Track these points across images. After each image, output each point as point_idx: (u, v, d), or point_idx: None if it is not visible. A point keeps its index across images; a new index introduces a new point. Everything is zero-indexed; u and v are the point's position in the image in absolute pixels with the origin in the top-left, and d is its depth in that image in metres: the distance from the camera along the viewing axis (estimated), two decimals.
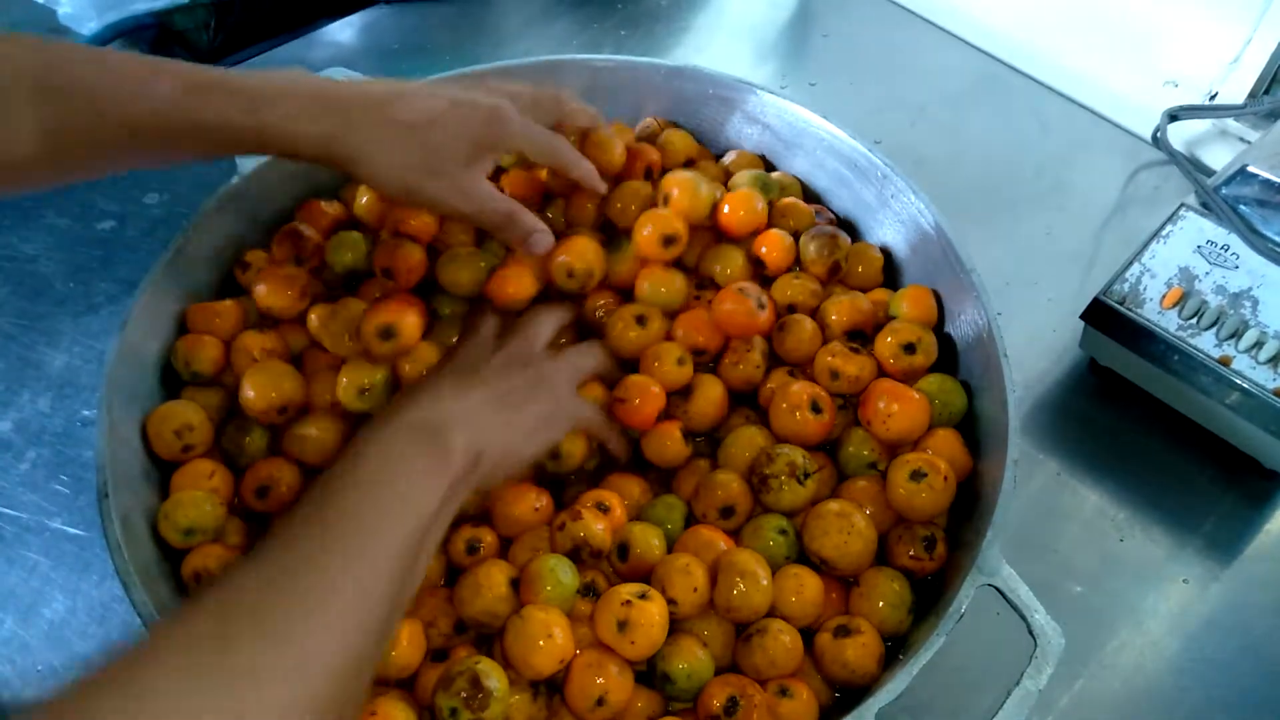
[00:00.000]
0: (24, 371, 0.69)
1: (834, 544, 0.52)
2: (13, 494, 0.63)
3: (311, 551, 0.39)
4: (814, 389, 0.58)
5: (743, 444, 0.57)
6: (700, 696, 0.49)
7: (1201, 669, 0.58)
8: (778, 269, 0.63)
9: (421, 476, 0.44)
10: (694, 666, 0.50)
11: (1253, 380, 0.61)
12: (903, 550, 0.54)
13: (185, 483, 0.55)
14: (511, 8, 1.00)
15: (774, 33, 0.99)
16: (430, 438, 0.46)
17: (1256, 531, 0.64)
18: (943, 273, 0.62)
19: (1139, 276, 0.66)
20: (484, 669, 0.46)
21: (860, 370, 0.59)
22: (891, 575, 0.53)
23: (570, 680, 0.49)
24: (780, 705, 0.49)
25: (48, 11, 0.94)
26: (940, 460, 0.54)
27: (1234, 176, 0.66)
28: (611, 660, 0.49)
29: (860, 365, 0.59)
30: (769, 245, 0.63)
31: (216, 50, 0.96)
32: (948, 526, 0.56)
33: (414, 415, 0.47)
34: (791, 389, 0.57)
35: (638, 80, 0.72)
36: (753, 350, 0.60)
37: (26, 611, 0.58)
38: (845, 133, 0.67)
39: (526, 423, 0.52)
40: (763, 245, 0.63)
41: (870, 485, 0.56)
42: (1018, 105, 0.90)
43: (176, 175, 0.80)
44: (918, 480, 0.53)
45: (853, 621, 0.51)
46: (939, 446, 0.56)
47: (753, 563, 0.51)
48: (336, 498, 0.42)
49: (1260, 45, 0.78)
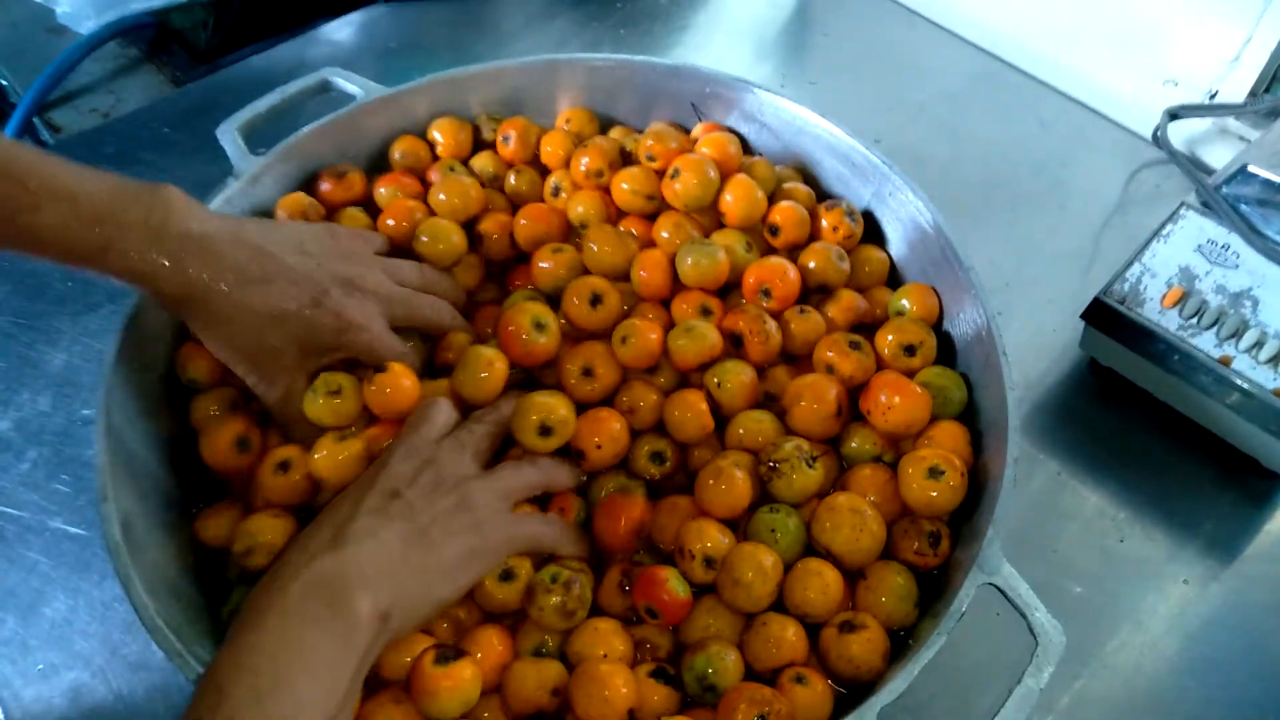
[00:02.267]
0: (24, 371, 0.68)
1: (845, 538, 0.52)
2: (13, 493, 0.63)
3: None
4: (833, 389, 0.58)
5: (751, 428, 0.57)
6: (722, 704, 0.49)
7: (1201, 669, 0.58)
8: (790, 240, 0.64)
9: (326, 668, 0.40)
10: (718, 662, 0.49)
11: (1253, 380, 0.61)
12: (908, 545, 0.54)
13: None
14: (511, 7, 1.00)
15: (774, 31, 0.99)
16: (332, 604, 0.42)
17: (1256, 531, 0.64)
18: (941, 271, 0.62)
19: (1139, 276, 0.66)
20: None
21: (855, 369, 0.59)
22: (897, 569, 0.53)
23: None
24: (796, 693, 0.49)
25: (46, 11, 0.93)
26: (955, 457, 0.54)
27: (1234, 176, 0.66)
28: None
29: (856, 363, 0.59)
30: (782, 215, 0.65)
31: (214, 49, 0.96)
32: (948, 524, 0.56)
33: (316, 568, 0.43)
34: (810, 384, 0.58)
35: (635, 79, 0.72)
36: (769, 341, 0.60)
37: (27, 611, 0.58)
38: (843, 130, 0.67)
39: (445, 563, 0.47)
40: (776, 215, 0.65)
41: (876, 474, 0.56)
42: (1017, 104, 0.90)
43: (175, 175, 0.80)
44: (936, 477, 0.53)
45: (858, 617, 0.51)
46: (941, 439, 0.56)
47: (760, 555, 0.52)
48: (234, 690, 0.38)
49: (1260, 44, 0.78)
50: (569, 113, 0.72)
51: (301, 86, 0.67)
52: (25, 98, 0.88)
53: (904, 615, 0.52)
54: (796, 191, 0.67)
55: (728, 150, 0.66)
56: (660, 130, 0.68)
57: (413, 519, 0.47)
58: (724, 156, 0.65)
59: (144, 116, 0.86)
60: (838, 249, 0.64)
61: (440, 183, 0.66)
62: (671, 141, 0.66)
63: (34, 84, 0.88)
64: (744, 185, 0.64)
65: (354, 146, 0.68)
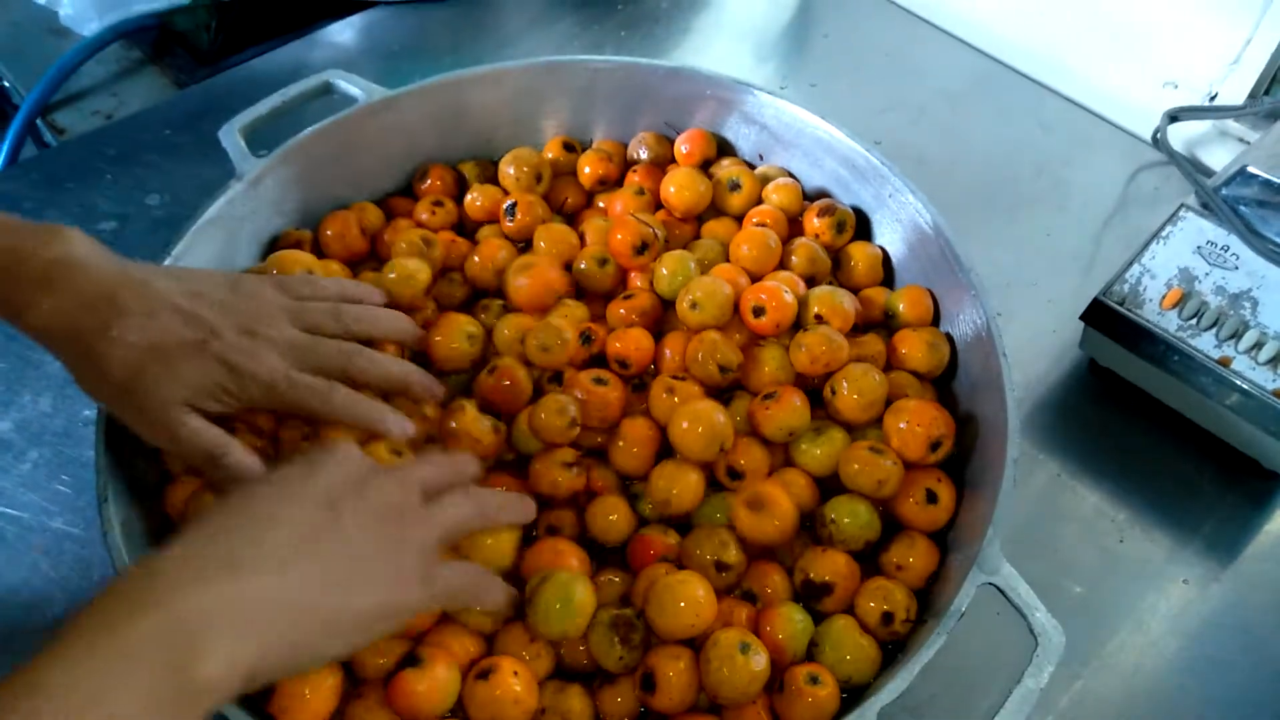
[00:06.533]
0: (25, 371, 0.69)
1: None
2: (14, 494, 0.63)
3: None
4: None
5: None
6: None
7: (1201, 669, 0.58)
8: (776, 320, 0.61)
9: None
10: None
11: (1252, 381, 0.61)
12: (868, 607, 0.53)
13: None
14: (512, 9, 1.00)
15: (774, 34, 0.99)
16: (177, 664, 0.33)
17: (1256, 532, 0.64)
18: (941, 273, 0.63)
19: (1139, 277, 0.66)
20: None
21: (818, 357, 0.58)
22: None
23: None
24: (810, 691, 0.49)
25: (49, 13, 0.94)
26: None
27: (1234, 177, 0.66)
28: None
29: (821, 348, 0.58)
30: (761, 215, 0.67)
31: (217, 51, 0.96)
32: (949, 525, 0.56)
33: (189, 603, 0.34)
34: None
35: (635, 81, 0.72)
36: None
37: (27, 611, 0.58)
38: (843, 132, 0.67)
39: (346, 618, 0.39)
40: (754, 217, 0.67)
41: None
42: (1018, 105, 0.90)
43: (178, 177, 0.80)
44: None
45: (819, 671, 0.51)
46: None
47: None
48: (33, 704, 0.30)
49: (1260, 45, 0.78)
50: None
51: (304, 89, 0.67)
52: (28, 99, 0.88)
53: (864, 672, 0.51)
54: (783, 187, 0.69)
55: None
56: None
57: (344, 549, 0.40)
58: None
59: (146, 118, 0.86)
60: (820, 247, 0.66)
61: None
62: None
63: (37, 86, 0.88)
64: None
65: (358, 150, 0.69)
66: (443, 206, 0.69)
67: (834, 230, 0.66)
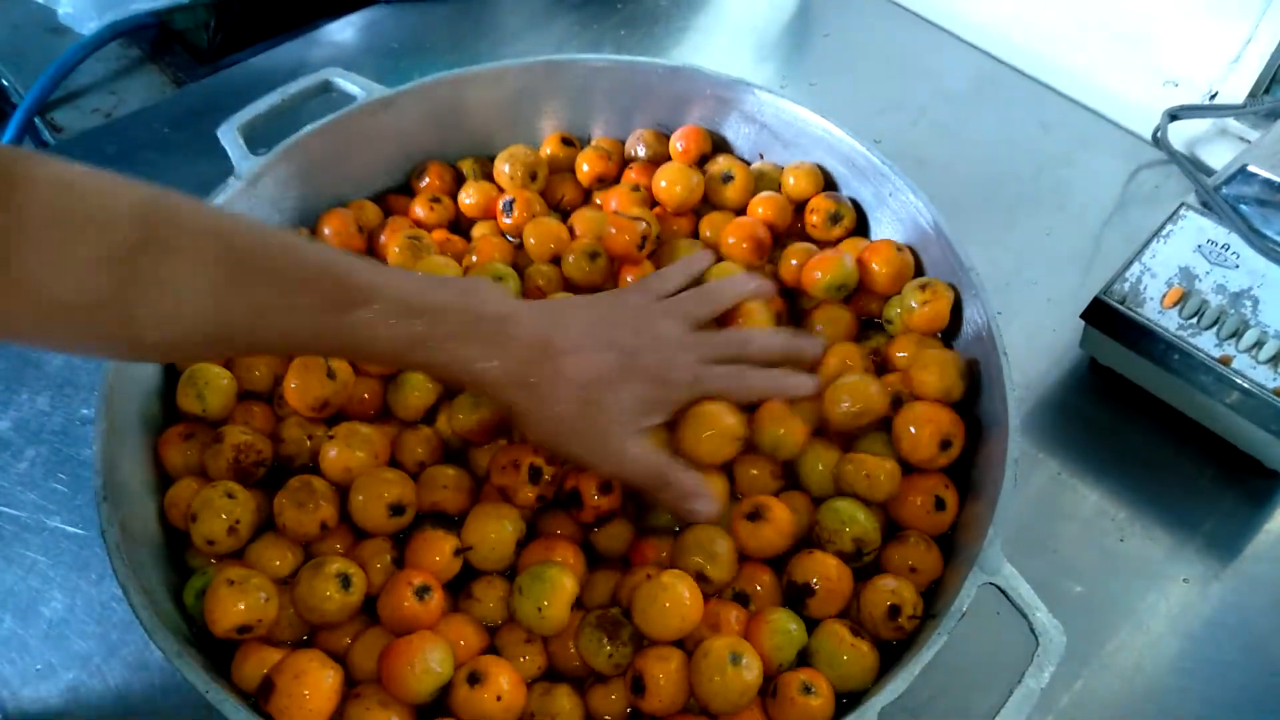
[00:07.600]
0: (23, 370, 0.68)
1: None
2: (11, 493, 0.63)
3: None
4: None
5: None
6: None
7: (1201, 669, 0.58)
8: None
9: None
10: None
11: (1253, 380, 0.61)
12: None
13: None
14: (512, 7, 1.00)
15: (774, 33, 0.99)
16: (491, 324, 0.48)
17: (1256, 531, 0.64)
18: (942, 272, 0.62)
19: (1139, 276, 0.66)
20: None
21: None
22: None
23: None
24: (805, 701, 0.48)
25: (48, 11, 0.94)
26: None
27: (1234, 176, 0.66)
28: None
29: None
30: (764, 206, 0.68)
31: (216, 49, 0.96)
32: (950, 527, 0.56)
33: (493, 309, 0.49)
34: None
35: (635, 80, 0.72)
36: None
37: (25, 610, 0.58)
38: (843, 131, 0.67)
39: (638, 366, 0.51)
40: (759, 206, 0.68)
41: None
42: (1018, 105, 0.90)
43: (177, 175, 0.80)
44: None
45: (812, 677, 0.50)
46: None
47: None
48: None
49: (1260, 45, 0.78)
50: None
51: (303, 87, 0.67)
52: (27, 98, 0.88)
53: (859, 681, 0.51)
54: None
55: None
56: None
57: (650, 378, 0.51)
58: None
59: (145, 117, 0.86)
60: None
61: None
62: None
63: (35, 84, 0.88)
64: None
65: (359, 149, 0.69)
66: (440, 203, 0.69)
67: (828, 221, 0.67)
